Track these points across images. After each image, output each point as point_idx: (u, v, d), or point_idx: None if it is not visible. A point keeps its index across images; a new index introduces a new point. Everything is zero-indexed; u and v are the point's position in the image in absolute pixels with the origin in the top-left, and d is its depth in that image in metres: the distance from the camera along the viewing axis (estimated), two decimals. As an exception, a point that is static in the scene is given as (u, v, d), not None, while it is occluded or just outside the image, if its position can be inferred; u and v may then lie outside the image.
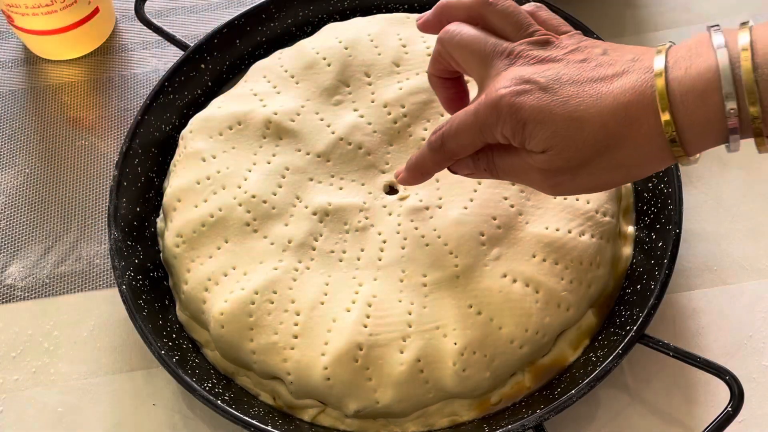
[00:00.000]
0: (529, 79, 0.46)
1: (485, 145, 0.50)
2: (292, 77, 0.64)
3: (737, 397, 0.51)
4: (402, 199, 0.60)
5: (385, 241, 0.58)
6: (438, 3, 0.53)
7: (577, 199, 0.58)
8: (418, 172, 0.55)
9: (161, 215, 0.63)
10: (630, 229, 0.61)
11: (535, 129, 0.46)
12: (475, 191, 0.59)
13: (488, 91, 0.47)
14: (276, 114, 0.62)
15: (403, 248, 0.58)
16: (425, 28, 0.54)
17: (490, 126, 0.48)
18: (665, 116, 0.43)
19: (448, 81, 0.55)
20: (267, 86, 0.64)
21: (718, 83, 0.41)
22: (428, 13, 0.54)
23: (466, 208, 0.58)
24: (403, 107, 0.63)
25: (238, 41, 0.69)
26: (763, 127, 0.42)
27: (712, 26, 0.44)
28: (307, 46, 0.66)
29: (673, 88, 0.43)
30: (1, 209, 0.68)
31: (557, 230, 0.57)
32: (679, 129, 0.43)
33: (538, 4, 0.51)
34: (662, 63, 0.43)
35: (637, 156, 0.45)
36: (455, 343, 0.54)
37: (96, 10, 0.73)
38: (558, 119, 0.45)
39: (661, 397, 0.57)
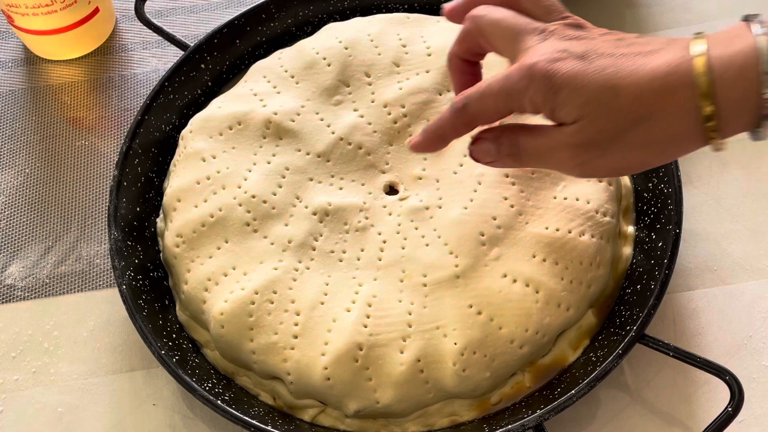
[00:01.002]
0: (565, 48, 0.46)
1: (507, 129, 0.49)
2: (292, 77, 0.64)
3: (737, 397, 0.51)
4: (402, 199, 0.60)
5: (385, 241, 0.58)
6: None
7: (577, 199, 0.58)
8: (434, 136, 0.52)
9: (161, 215, 0.63)
10: (630, 229, 0.60)
11: (568, 96, 0.45)
12: (475, 191, 0.59)
13: (522, 60, 0.47)
14: (276, 114, 0.62)
15: (403, 248, 0.58)
16: (452, 15, 0.53)
17: (519, 91, 0.47)
18: (703, 88, 0.43)
19: (468, 65, 0.54)
20: (267, 86, 0.64)
21: (757, 60, 0.42)
22: (457, 0, 0.53)
23: (466, 208, 0.58)
24: (403, 107, 0.63)
25: (238, 41, 0.69)
26: None
27: (750, 15, 0.44)
28: (307, 46, 0.66)
29: (712, 63, 0.43)
30: (1, 209, 0.68)
31: (557, 230, 0.57)
32: (717, 104, 0.43)
33: None
34: (702, 41, 0.44)
35: (670, 131, 0.45)
36: (455, 343, 0.54)
37: (96, 10, 0.73)
38: (592, 86, 0.45)
39: (661, 397, 0.57)
